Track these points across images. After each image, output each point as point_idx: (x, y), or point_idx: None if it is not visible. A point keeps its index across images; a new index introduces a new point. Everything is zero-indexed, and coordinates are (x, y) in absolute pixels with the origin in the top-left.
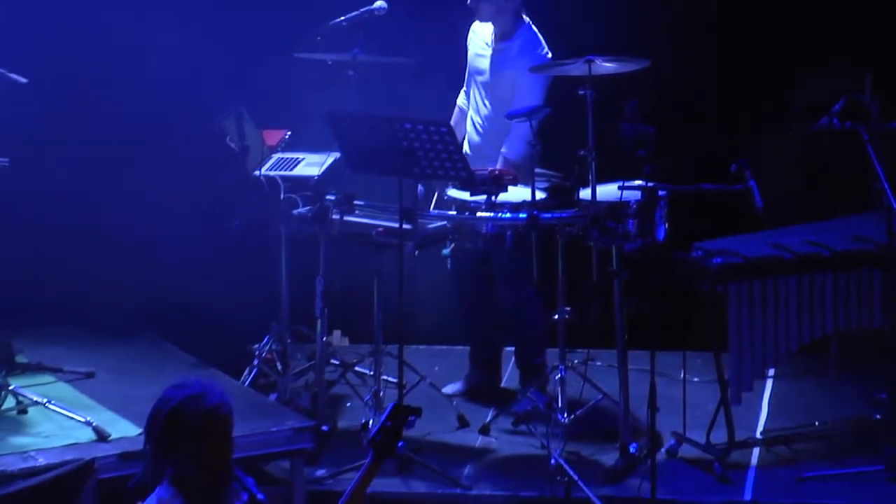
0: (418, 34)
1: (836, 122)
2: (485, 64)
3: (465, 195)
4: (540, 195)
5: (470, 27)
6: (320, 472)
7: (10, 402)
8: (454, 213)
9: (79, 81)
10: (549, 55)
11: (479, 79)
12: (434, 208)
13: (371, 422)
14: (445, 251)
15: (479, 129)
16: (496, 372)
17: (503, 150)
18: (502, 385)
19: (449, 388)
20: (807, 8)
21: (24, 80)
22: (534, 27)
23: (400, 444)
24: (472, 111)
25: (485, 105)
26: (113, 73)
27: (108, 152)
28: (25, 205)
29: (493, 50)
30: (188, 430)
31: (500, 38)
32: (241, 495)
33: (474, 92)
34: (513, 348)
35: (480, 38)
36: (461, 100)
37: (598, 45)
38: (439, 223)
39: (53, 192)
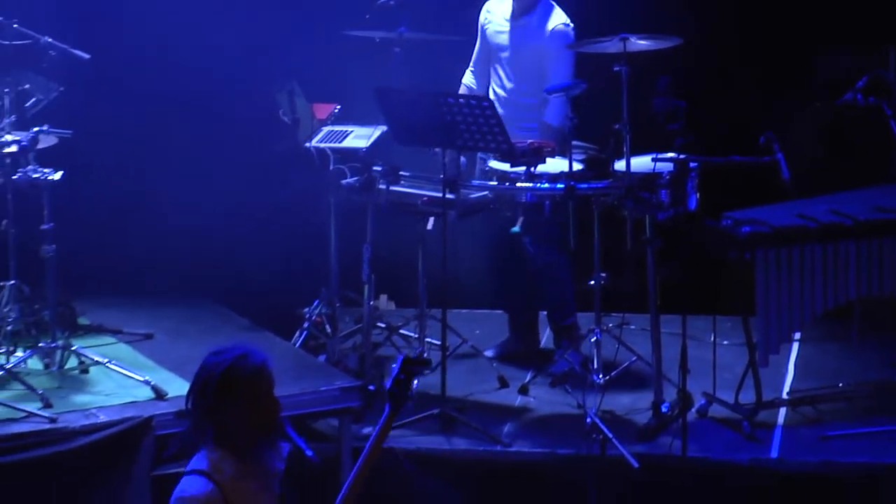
0: (463, 12)
1: (860, 97)
2: (506, 40)
3: (505, 166)
4: (577, 167)
5: (483, 6)
6: (367, 430)
7: (72, 361)
8: (495, 183)
9: (137, 57)
10: (572, 26)
11: (502, 55)
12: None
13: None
14: (516, 228)
15: (504, 102)
16: (533, 335)
17: (545, 118)
18: (540, 347)
19: (489, 351)
20: None
21: (86, 55)
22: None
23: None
24: (494, 86)
25: (508, 80)
26: (170, 48)
27: (167, 125)
28: (88, 174)
29: (513, 25)
30: (240, 390)
31: (520, 13)
32: (283, 451)
33: (496, 68)
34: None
35: (499, 15)
36: (467, 79)
37: (629, 22)
38: (481, 193)
39: (115, 161)
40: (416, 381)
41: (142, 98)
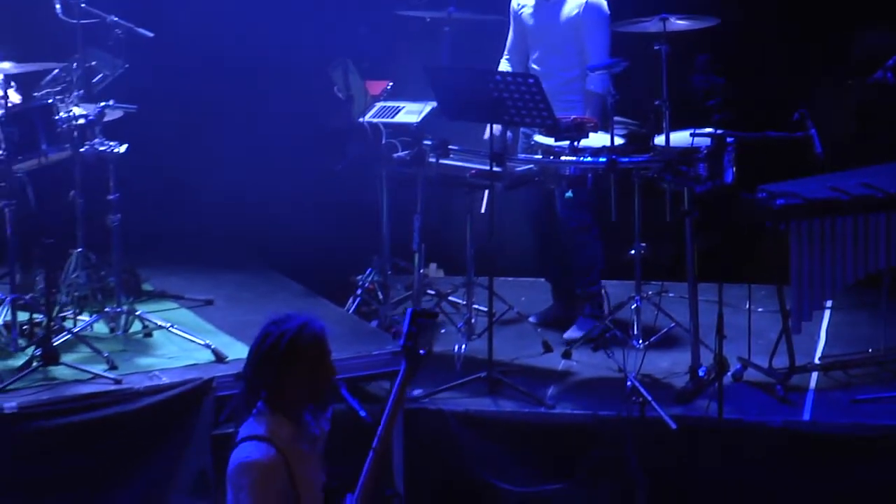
0: None
1: (889, 76)
2: (541, 17)
3: (550, 141)
4: (618, 141)
5: None
6: (417, 392)
7: (136, 326)
8: (540, 157)
9: (197, 35)
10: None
11: (539, 33)
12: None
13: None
14: (569, 194)
15: (545, 77)
16: (575, 301)
17: (588, 86)
18: None
19: (533, 318)
20: None
21: (150, 33)
22: None
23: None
24: (534, 65)
25: (547, 56)
26: (229, 28)
27: (226, 100)
28: (151, 146)
29: (546, 3)
30: (302, 359)
31: None
32: (328, 413)
33: (534, 47)
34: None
35: None
36: (503, 67)
37: (668, 2)
38: (526, 166)
39: (176, 135)
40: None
41: (202, 74)
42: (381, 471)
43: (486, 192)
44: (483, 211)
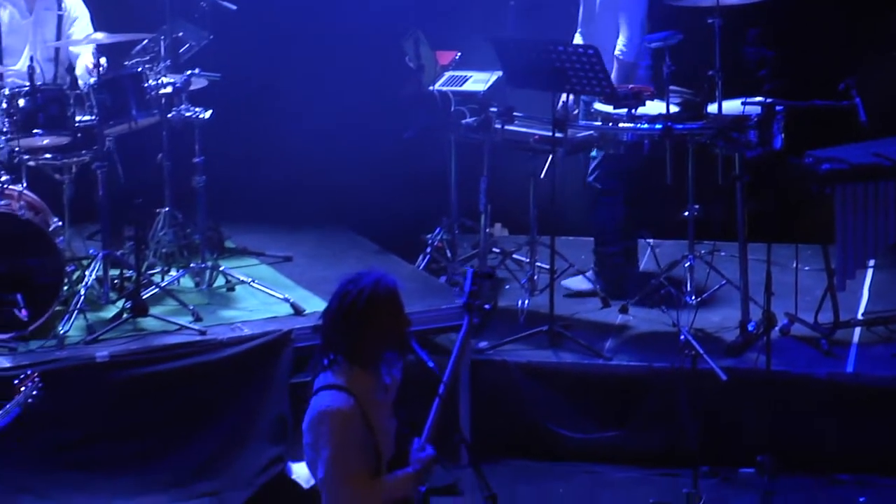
0: None
1: None
2: None
3: (608, 108)
4: (673, 109)
5: None
6: (482, 344)
7: (220, 280)
8: (599, 123)
9: (277, 7)
10: None
11: (584, 8)
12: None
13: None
14: (594, 153)
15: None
16: (633, 260)
17: (620, 54)
18: (639, 271)
19: (591, 274)
20: None
21: (233, 6)
22: None
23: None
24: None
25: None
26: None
27: (304, 68)
28: (234, 112)
29: None
30: (380, 312)
31: None
32: (399, 363)
33: (581, 21)
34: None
35: None
36: (577, 40)
37: None
38: (586, 132)
39: (258, 101)
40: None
41: (281, 44)
42: (447, 417)
43: (549, 156)
44: (544, 175)
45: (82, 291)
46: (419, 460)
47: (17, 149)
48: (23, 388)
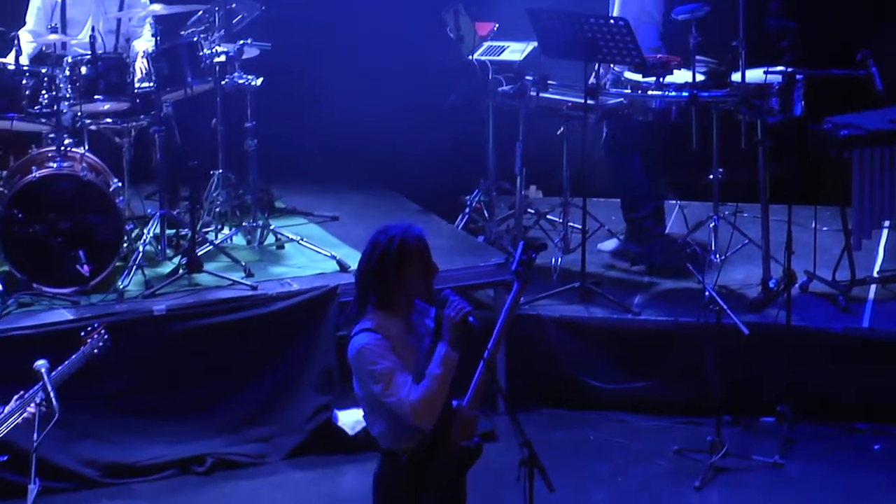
0: None
1: None
2: None
3: (638, 77)
4: (699, 78)
5: None
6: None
7: (270, 238)
8: (629, 91)
9: None
10: None
11: None
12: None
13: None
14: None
15: None
16: (660, 220)
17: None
18: (666, 233)
19: (622, 235)
20: None
21: None
22: None
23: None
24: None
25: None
26: None
27: (351, 39)
28: (284, 79)
29: None
30: (411, 259)
31: None
32: (430, 312)
33: None
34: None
35: None
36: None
37: None
38: (617, 100)
39: (305, 69)
40: (559, 262)
41: (329, 15)
42: (490, 376)
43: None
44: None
45: (141, 248)
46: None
47: (79, 114)
48: (89, 340)
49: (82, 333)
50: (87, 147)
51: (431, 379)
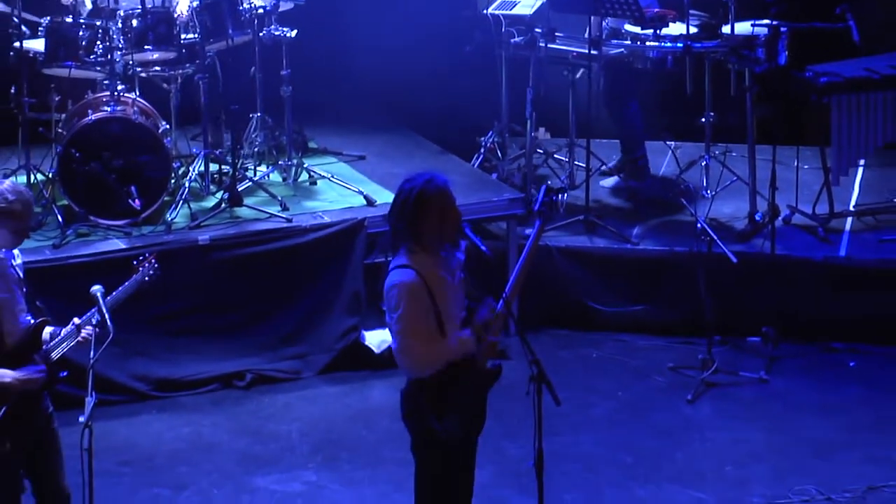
0: None
1: None
2: None
3: (637, 29)
4: (693, 30)
5: None
6: (528, 231)
7: (304, 176)
8: (629, 42)
9: None
10: None
11: None
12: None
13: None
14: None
15: None
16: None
17: None
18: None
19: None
20: None
21: None
22: None
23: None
24: None
25: None
26: None
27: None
28: (317, 31)
29: None
30: (430, 206)
31: None
32: (462, 247)
33: None
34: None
35: None
36: None
37: None
38: (618, 50)
39: (335, 21)
40: (565, 196)
41: None
42: (498, 295)
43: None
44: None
45: (187, 184)
46: (476, 324)
47: (130, 62)
48: (140, 268)
49: (134, 262)
50: (137, 93)
51: (447, 350)
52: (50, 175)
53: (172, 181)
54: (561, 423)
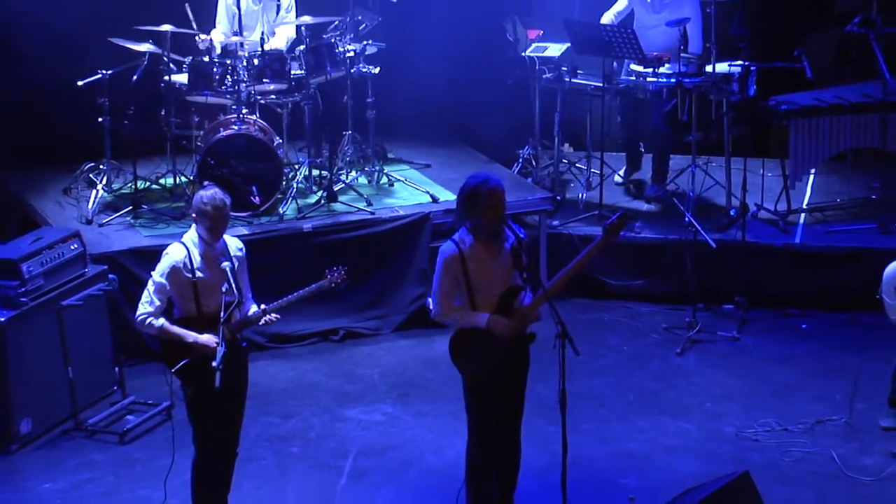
0: None
1: (854, 28)
2: None
3: (640, 68)
4: (683, 70)
5: None
6: (555, 223)
7: (384, 179)
8: (634, 78)
9: (422, 1)
10: None
11: None
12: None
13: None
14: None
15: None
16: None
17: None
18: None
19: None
20: None
21: (394, 0)
22: None
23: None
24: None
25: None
26: None
27: (443, 40)
28: (395, 68)
29: None
30: (480, 201)
31: None
32: (509, 236)
33: None
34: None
35: None
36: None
37: None
38: (625, 84)
39: (410, 61)
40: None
41: (425, 23)
42: (534, 270)
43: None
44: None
45: (294, 185)
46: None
47: (252, 92)
48: (329, 276)
49: (326, 270)
50: (257, 115)
51: (464, 317)
52: (191, 178)
53: (284, 183)
54: (579, 370)
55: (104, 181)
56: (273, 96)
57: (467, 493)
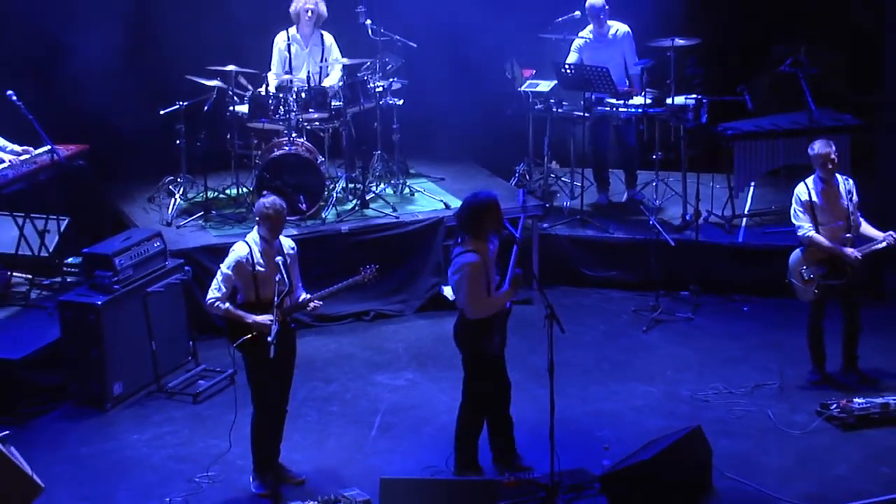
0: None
1: (786, 69)
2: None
3: (613, 100)
4: (648, 101)
5: None
6: (545, 225)
7: (406, 190)
8: (609, 108)
9: (435, 45)
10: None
11: None
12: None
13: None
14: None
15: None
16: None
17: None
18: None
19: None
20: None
21: (414, 45)
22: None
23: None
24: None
25: None
26: (450, 41)
27: (453, 77)
28: (415, 100)
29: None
30: (488, 211)
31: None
32: (495, 240)
33: None
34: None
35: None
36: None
37: (671, 25)
38: (604, 111)
39: (426, 94)
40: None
41: (441, 64)
42: (527, 267)
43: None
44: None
45: (334, 195)
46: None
47: (300, 119)
48: (362, 271)
49: (361, 268)
50: (304, 138)
51: (493, 303)
52: (251, 189)
53: (325, 193)
54: (564, 344)
55: (181, 191)
56: (317, 123)
57: (458, 448)
